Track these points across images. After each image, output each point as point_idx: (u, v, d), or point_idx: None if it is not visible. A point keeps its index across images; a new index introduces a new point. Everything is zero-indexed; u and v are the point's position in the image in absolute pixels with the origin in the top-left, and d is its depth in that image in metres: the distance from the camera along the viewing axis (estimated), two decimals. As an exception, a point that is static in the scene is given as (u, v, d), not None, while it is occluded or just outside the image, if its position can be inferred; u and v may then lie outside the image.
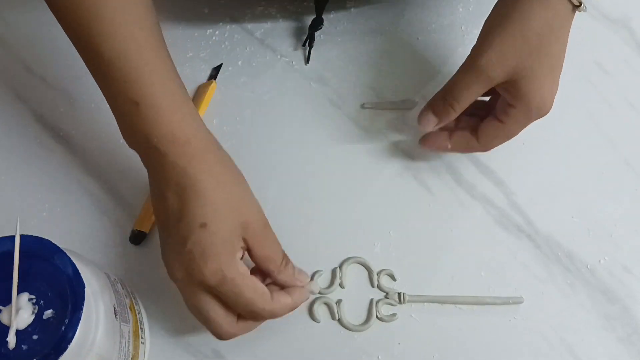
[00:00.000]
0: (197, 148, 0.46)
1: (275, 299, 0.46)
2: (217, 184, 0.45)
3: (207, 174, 0.45)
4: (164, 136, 0.45)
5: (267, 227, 0.48)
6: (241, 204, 0.46)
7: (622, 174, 0.57)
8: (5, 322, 0.38)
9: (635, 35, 0.62)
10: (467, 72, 0.48)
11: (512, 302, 0.52)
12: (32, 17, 0.63)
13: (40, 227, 0.54)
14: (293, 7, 0.63)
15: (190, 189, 0.44)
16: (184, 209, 0.44)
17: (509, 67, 0.46)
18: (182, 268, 0.44)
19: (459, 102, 0.49)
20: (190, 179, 0.44)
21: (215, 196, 0.45)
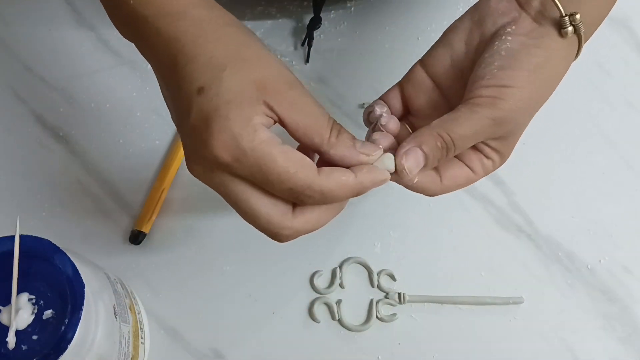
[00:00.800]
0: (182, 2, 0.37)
1: (325, 173, 0.35)
2: (214, 40, 0.36)
3: (199, 30, 0.36)
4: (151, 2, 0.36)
5: (297, 87, 0.37)
6: (252, 59, 0.36)
7: (622, 174, 0.57)
8: (5, 322, 0.38)
9: (635, 35, 0.62)
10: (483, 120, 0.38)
11: (512, 302, 0.52)
12: (32, 17, 0.63)
13: (40, 227, 0.54)
14: (293, 6, 0.63)
15: (180, 54, 0.35)
16: (178, 81, 0.35)
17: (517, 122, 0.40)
18: (197, 156, 0.35)
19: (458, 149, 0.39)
20: (179, 42, 0.36)
21: (211, 54, 0.35)
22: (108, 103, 0.58)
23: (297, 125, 0.35)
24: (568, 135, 0.57)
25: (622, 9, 0.62)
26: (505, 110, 0.37)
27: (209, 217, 0.54)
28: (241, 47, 0.36)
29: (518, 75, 0.38)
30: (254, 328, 0.51)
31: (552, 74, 0.40)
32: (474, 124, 0.37)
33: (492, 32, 0.40)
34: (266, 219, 0.35)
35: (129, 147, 0.57)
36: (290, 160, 0.34)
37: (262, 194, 0.35)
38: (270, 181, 0.34)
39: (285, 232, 0.36)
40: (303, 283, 0.53)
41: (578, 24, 0.38)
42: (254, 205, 0.35)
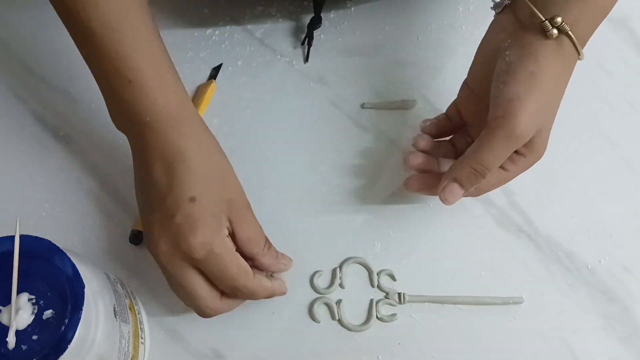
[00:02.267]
0: (188, 124, 0.46)
1: (257, 278, 0.47)
2: (207, 160, 0.46)
3: (198, 149, 0.46)
4: (158, 112, 0.45)
5: (250, 209, 0.48)
6: (227, 182, 0.47)
7: (622, 174, 0.57)
8: (5, 322, 0.38)
9: (635, 35, 0.62)
10: (501, 140, 0.44)
11: (512, 302, 0.52)
12: (32, 17, 0.63)
13: (40, 227, 0.54)
14: (293, 6, 0.63)
15: (181, 164, 0.45)
16: (174, 182, 0.45)
17: (538, 127, 0.45)
18: (169, 242, 0.44)
19: (490, 170, 0.46)
20: (181, 154, 0.45)
21: (205, 171, 0.46)
22: (108, 103, 0.58)
23: (245, 238, 0.46)
24: (568, 136, 0.57)
25: (622, 9, 0.62)
26: (516, 125, 0.43)
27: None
28: (223, 170, 0.48)
29: (517, 88, 0.44)
30: (254, 328, 0.51)
31: (551, 77, 0.44)
32: (495, 146, 0.45)
33: (493, 49, 0.46)
34: (203, 301, 0.46)
35: (129, 147, 0.57)
36: (239, 266, 0.46)
37: (204, 282, 0.46)
38: (222, 279, 0.45)
39: (209, 311, 0.47)
40: (303, 283, 0.53)
41: (561, 25, 0.43)
42: (197, 289, 0.45)
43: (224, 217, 0.45)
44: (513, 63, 0.44)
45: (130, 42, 0.44)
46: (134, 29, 0.45)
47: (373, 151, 0.57)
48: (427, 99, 0.59)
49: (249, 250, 0.47)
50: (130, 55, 0.44)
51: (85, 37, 0.44)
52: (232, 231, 0.46)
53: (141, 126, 0.46)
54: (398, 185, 0.56)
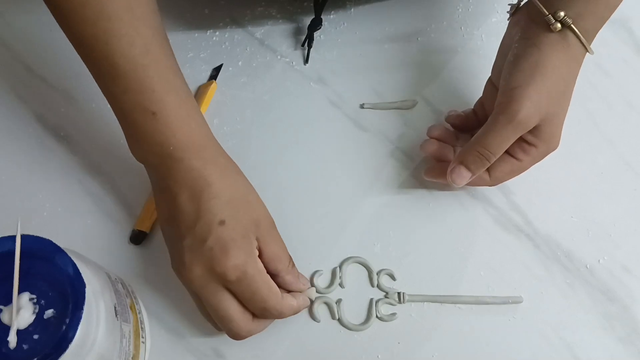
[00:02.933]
0: (211, 152, 0.48)
1: (285, 298, 0.47)
2: (231, 185, 0.47)
3: (221, 175, 0.47)
4: (180, 141, 0.46)
5: (275, 227, 0.49)
6: (252, 203, 0.48)
7: (621, 174, 0.57)
8: (6, 321, 0.38)
9: (634, 36, 0.62)
10: (504, 125, 0.47)
11: (512, 302, 0.52)
12: (32, 18, 0.63)
13: (41, 227, 0.54)
14: (293, 7, 0.63)
15: (207, 190, 0.46)
16: (201, 208, 0.45)
17: (542, 114, 0.47)
18: (203, 266, 0.45)
19: (495, 155, 0.49)
20: (206, 181, 0.46)
21: (230, 195, 0.46)
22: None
23: (272, 255, 0.47)
24: (567, 135, 0.57)
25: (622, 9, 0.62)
26: (518, 111, 0.46)
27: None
28: (247, 191, 0.48)
29: (521, 76, 0.46)
30: (254, 327, 0.51)
31: (555, 65, 0.46)
32: (498, 132, 0.47)
33: (509, 41, 0.49)
34: (236, 323, 0.46)
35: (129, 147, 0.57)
36: (270, 288, 0.46)
37: (238, 305, 0.46)
38: (254, 300, 0.45)
39: (244, 333, 0.47)
40: (303, 283, 0.53)
41: (564, 19, 0.45)
42: (232, 312, 0.46)
43: (253, 238, 0.46)
44: (519, 54, 0.47)
45: (153, 75, 0.45)
46: (157, 60, 0.45)
47: (373, 151, 0.58)
48: (427, 99, 0.59)
49: (274, 267, 0.47)
50: (155, 88, 0.45)
51: (109, 72, 0.44)
52: (260, 249, 0.47)
53: (164, 156, 0.46)
54: (398, 185, 0.56)
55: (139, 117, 0.46)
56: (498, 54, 0.51)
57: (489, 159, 0.49)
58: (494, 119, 0.48)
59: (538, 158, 0.50)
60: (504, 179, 0.52)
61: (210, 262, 0.44)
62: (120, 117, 0.47)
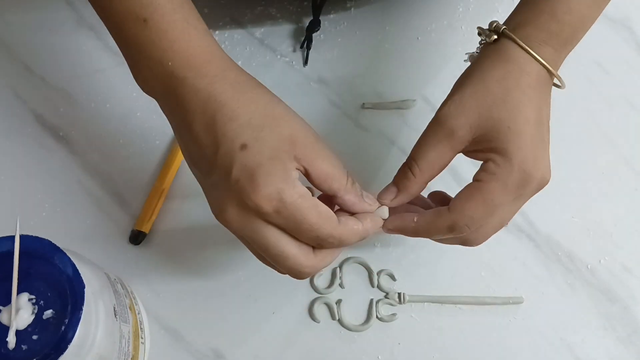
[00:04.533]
0: (217, 66, 0.40)
1: (343, 223, 0.40)
2: (249, 101, 0.40)
3: (235, 91, 0.40)
4: (180, 55, 0.40)
5: (319, 140, 0.41)
6: (281, 118, 0.40)
7: (622, 173, 0.57)
8: (5, 322, 0.38)
9: (635, 35, 0.62)
10: (428, 129, 0.42)
11: (512, 302, 0.52)
12: (32, 18, 0.63)
13: (40, 227, 0.53)
14: (293, 7, 0.63)
15: (220, 112, 0.39)
16: (218, 136, 0.39)
17: (472, 117, 0.41)
18: (234, 204, 0.38)
19: (419, 165, 0.42)
20: (217, 101, 0.39)
21: (249, 113, 0.39)
22: (108, 103, 0.58)
23: (320, 172, 0.40)
24: (568, 135, 0.57)
25: (622, 9, 0.62)
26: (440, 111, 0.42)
27: (208, 217, 0.54)
28: (272, 106, 0.41)
29: (457, 83, 0.43)
30: (254, 328, 0.51)
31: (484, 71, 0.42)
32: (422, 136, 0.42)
33: None
34: (294, 260, 0.40)
35: (129, 147, 0.57)
36: (319, 214, 0.39)
37: (291, 239, 0.39)
38: (302, 230, 0.39)
39: (307, 270, 0.41)
40: (303, 283, 0.53)
41: (503, 30, 0.42)
42: (284, 248, 0.39)
43: (288, 158, 0.39)
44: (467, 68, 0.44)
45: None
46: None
47: (373, 151, 0.57)
48: (427, 99, 0.59)
49: (329, 187, 0.40)
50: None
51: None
52: (305, 171, 0.40)
53: (166, 78, 0.40)
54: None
55: (131, 29, 0.40)
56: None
57: (412, 170, 0.42)
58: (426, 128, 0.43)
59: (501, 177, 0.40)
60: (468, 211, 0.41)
61: (241, 197, 0.38)
62: (116, 37, 0.42)
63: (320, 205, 0.39)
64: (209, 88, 0.39)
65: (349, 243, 0.41)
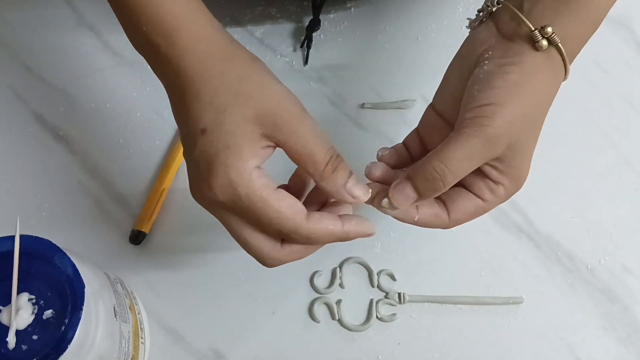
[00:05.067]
0: (188, 35, 0.37)
1: (314, 220, 0.38)
2: (215, 77, 0.37)
3: (202, 66, 0.37)
4: (151, 20, 0.37)
5: (301, 116, 0.38)
6: (249, 95, 0.37)
7: (622, 174, 0.57)
8: (5, 322, 0.38)
9: (635, 35, 0.62)
10: (469, 139, 0.37)
11: (512, 302, 0.52)
12: (32, 17, 0.63)
13: (40, 227, 0.54)
14: (293, 7, 0.63)
15: (188, 90, 0.37)
16: (187, 115, 0.37)
17: (512, 140, 0.38)
18: (198, 187, 0.38)
19: (454, 176, 0.38)
20: (186, 76, 0.37)
21: (212, 91, 0.37)
22: (108, 103, 0.58)
23: (294, 153, 0.38)
24: (568, 135, 0.57)
25: (622, 9, 0.62)
26: (490, 127, 0.37)
27: (208, 217, 0.54)
28: (242, 81, 0.37)
29: (496, 93, 0.38)
30: (254, 328, 0.51)
31: (536, 88, 0.39)
32: (464, 144, 0.37)
33: (474, 61, 0.40)
34: (256, 250, 0.39)
35: (129, 147, 0.57)
36: (279, 208, 0.37)
37: (254, 229, 0.38)
38: (262, 223, 0.37)
39: (272, 262, 0.40)
40: (303, 283, 0.53)
41: (552, 36, 0.38)
42: (247, 237, 0.38)
43: (253, 142, 0.36)
44: (492, 72, 0.39)
45: None
46: None
47: (373, 151, 0.57)
48: (427, 99, 0.59)
49: (305, 169, 0.38)
50: None
51: None
52: (282, 148, 0.38)
53: (145, 45, 0.38)
54: (398, 185, 0.56)
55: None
56: (449, 78, 0.44)
57: (444, 180, 0.38)
58: (456, 133, 0.38)
59: (504, 198, 0.41)
60: (462, 222, 0.43)
61: (201, 184, 0.37)
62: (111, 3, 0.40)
63: (284, 198, 0.37)
64: (178, 61, 0.37)
65: (321, 242, 0.39)
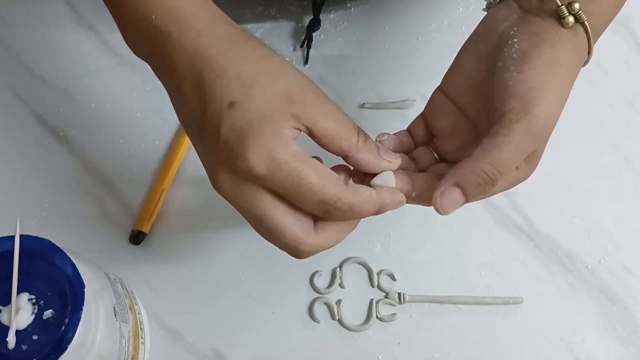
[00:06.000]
0: (204, 20, 0.37)
1: (352, 187, 0.36)
2: (238, 55, 0.36)
3: (223, 46, 0.37)
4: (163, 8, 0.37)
5: (321, 94, 0.37)
6: (276, 72, 0.37)
7: (622, 174, 0.56)
8: (5, 322, 0.38)
9: (635, 35, 0.62)
10: (522, 137, 0.35)
11: (512, 302, 0.52)
12: (32, 17, 0.63)
13: (40, 227, 0.54)
14: (293, 7, 0.63)
15: (207, 69, 0.36)
16: (206, 95, 0.36)
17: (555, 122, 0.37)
18: (226, 170, 0.35)
19: (503, 176, 0.36)
20: (204, 57, 0.36)
21: (238, 68, 0.36)
22: (108, 103, 0.58)
23: (325, 131, 0.36)
24: (568, 135, 0.57)
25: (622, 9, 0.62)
26: (541, 118, 0.35)
27: (209, 217, 0.54)
28: (265, 60, 0.37)
29: (535, 75, 0.36)
30: (254, 328, 0.51)
31: (567, 67, 0.37)
32: (516, 144, 0.35)
33: (496, 40, 0.39)
34: (290, 235, 0.36)
35: (129, 147, 0.57)
36: (321, 174, 0.35)
37: (288, 209, 0.36)
38: (302, 193, 0.35)
39: (306, 248, 0.37)
40: (303, 283, 0.53)
41: (578, 13, 0.37)
42: (280, 220, 0.36)
43: (281, 117, 0.35)
44: (526, 51, 0.36)
45: None
46: None
47: (373, 151, 0.57)
48: (427, 99, 0.59)
49: (338, 146, 0.36)
50: None
51: None
52: (309, 130, 0.36)
53: (152, 35, 0.37)
54: (398, 185, 0.56)
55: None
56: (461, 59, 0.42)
57: (494, 181, 0.36)
58: (508, 128, 0.35)
59: (513, 184, 0.40)
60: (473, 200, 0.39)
61: (231, 160, 0.35)
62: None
63: (321, 165, 0.36)
64: (194, 43, 0.36)
65: (363, 213, 0.36)
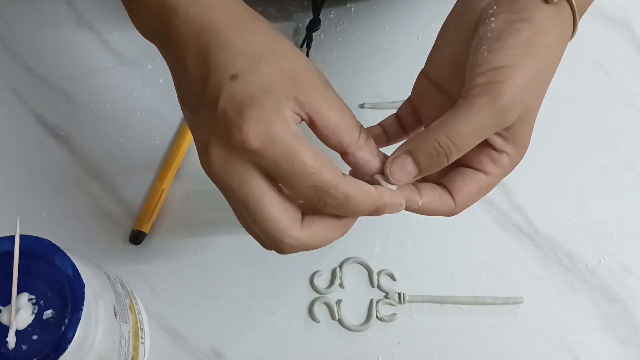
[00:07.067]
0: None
1: (349, 177, 0.34)
2: (248, 31, 0.35)
3: (232, 20, 0.36)
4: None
5: (327, 83, 0.37)
6: (284, 52, 0.36)
7: (622, 174, 0.57)
8: (5, 322, 0.38)
9: (635, 35, 0.62)
10: (481, 111, 0.33)
11: (512, 302, 0.52)
12: (32, 17, 0.63)
13: (40, 227, 0.54)
14: (293, 7, 0.63)
15: (213, 42, 0.35)
16: (209, 66, 0.34)
17: (525, 106, 0.35)
18: (218, 143, 0.34)
19: (459, 152, 0.35)
20: (211, 30, 0.35)
21: (246, 42, 0.35)
22: (108, 103, 0.58)
23: (327, 121, 0.35)
24: (568, 135, 0.57)
25: (622, 9, 0.62)
26: (505, 94, 0.33)
27: (209, 218, 0.54)
28: (273, 40, 0.36)
29: (509, 54, 0.34)
30: (254, 328, 0.51)
31: (548, 47, 0.35)
32: (475, 117, 0.34)
33: (475, 19, 0.37)
34: (274, 223, 0.34)
35: (129, 147, 0.57)
36: (318, 156, 0.33)
37: (276, 196, 0.34)
38: (296, 174, 0.33)
39: (289, 241, 0.35)
40: (303, 283, 0.53)
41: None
42: (266, 205, 0.34)
43: (284, 95, 0.34)
44: (502, 29, 0.35)
45: None
46: None
47: (373, 151, 0.57)
48: (427, 99, 0.59)
49: (338, 139, 0.35)
50: None
51: None
52: (310, 119, 0.35)
53: (159, 10, 0.36)
54: (398, 185, 0.56)
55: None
56: (444, 40, 0.40)
57: (449, 155, 0.35)
58: (469, 102, 0.34)
59: (508, 170, 0.38)
60: (469, 204, 0.38)
61: (226, 131, 0.33)
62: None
63: (318, 150, 0.34)
64: (202, 16, 0.35)
65: (359, 208, 0.34)
